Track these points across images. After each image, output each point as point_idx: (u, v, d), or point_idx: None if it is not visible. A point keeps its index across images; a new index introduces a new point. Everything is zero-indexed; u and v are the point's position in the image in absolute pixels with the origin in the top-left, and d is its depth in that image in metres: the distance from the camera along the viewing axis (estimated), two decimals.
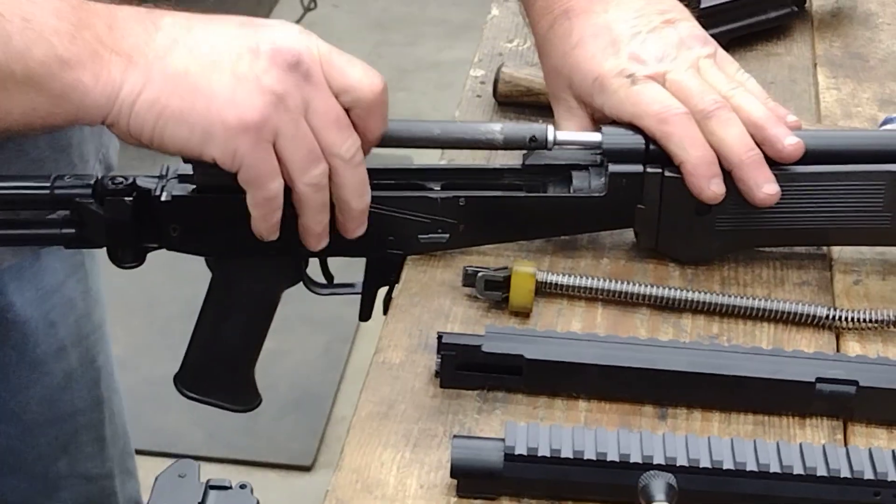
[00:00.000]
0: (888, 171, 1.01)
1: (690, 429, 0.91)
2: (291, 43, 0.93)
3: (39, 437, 1.25)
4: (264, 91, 0.91)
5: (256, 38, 0.93)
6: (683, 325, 0.99)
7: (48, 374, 1.23)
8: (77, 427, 1.28)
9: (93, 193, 0.98)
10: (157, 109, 0.91)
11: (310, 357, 2.68)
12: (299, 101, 0.92)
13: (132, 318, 2.71)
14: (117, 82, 0.90)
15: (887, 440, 0.90)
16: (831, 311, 0.98)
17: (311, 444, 2.49)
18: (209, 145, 0.91)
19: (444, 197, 1.01)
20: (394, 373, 0.94)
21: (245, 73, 0.91)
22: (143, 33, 0.92)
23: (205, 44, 0.92)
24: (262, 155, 0.92)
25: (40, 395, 1.23)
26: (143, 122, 0.91)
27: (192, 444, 2.44)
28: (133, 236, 0.99)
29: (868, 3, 1.42)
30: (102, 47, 0.90)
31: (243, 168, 0.92)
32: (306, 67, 0.92)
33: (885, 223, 1.02)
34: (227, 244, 1.01)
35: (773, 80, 1.30)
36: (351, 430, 0.89)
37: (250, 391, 1.11)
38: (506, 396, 0.92)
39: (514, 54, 1.32)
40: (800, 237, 1.04)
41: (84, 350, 1.27)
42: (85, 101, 0.90)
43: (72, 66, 0.89)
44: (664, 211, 1.02)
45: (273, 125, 0.91)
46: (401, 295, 1.01)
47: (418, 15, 3.80)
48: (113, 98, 0.90)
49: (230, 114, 0.90)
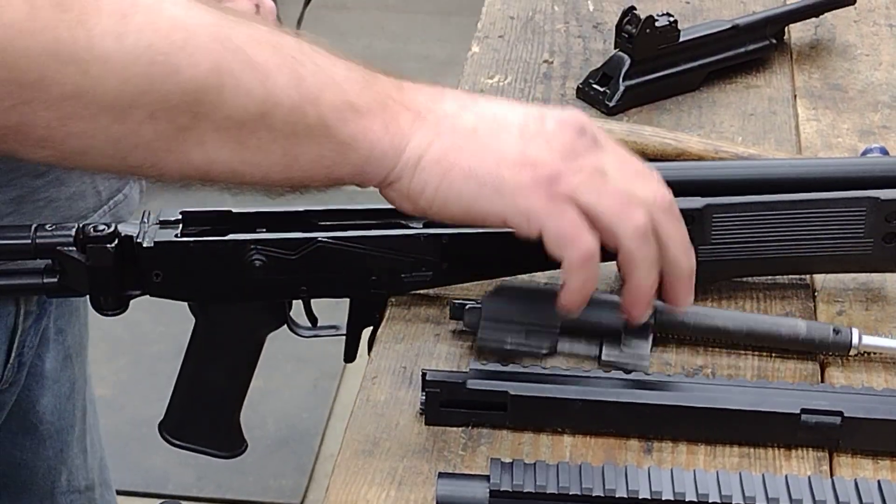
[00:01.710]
0: (868, 196, 1.01)
1: (676, 462, 0.90)
2: (577, 115, 0.90)
3: (48, 450, 1.25)
4: (554, 149, 0.88)
5: (540, 110, 0.91)
6: (667, 357, 0.99)
7: (57, 383, 1.23)
8: (72, 439, 1.27)
9: (74, 241, 0.97)
10: (445, 166, 0.88)
11: (297, 394, 2.68)
12: (593, 159, 0.88)
13: (118, 358, 2.70)
14: (406, 134, 0.88)
15: (873, 470, 0.90)
16: None
17: (300, 482, 2.49)
18: (499, 205, 0.87)
19: (426, 235, 1.01)
20: (378, 410, 0.94)
21: (534, 133, 0.88)
22: (431, 97, 0.90)
23: (491, 110, 0.90)
24: (561, 208, 0.87)
25: (52, 406, 1.23)
26: (428, 178, 0.88)
27: (181, 483, 2.43)
28: (116, 283, 0.99)
29: (846, 34, 1.43)
30: (392, 101, 0.88)
31: (544, 228, 0.87)
32: (593, 134, 0.89)
33: (867, 250, 1.02)
34: (211, 289, 1.00)
35: (753, 111, 1.30)
36: (336, 469, 0.89)
37: (235, 437, 1.11)
38: (491, 433, 0.92)
39: (494, 90, 1.32)
40: (783, 266, 1.04)
41: (82, 359, 1.27)
42: (373, 151, 0.88)
43: (363, 114, 0.87)
44: None
45: (568, 181, 0.87)
46: (385, 332, 1.01)
47: (401, 51, 3.81)
48: (400, 151, 0.88)
49: (522, 170, 0.87)
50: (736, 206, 1.01)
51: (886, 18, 1.46)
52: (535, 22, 1.44)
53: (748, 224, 1.01)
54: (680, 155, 1.22)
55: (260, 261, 0.99)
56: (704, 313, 0.96)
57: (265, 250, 0.99)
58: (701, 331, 0.96)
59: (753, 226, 1.02)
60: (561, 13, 1.46)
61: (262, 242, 0.99)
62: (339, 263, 1.00)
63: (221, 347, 1.04)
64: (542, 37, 1.42)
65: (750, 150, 1.21)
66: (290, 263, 1.00)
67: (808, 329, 0.96)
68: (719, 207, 1.01)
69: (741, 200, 1.01)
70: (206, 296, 1.02)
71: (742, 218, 1.01)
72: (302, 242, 1.00)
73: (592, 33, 1.42)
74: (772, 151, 1.22)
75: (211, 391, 1.06)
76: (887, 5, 1.48)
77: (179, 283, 1.00)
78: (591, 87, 1.31)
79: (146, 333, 2.74)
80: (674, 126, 1.28)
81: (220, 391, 1.07)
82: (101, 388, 1.35)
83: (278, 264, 0.99)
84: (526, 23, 1.44)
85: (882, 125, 1.28)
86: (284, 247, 0.99)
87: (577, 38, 1.41)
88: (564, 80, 1.34)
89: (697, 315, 0.96)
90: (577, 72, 1.35)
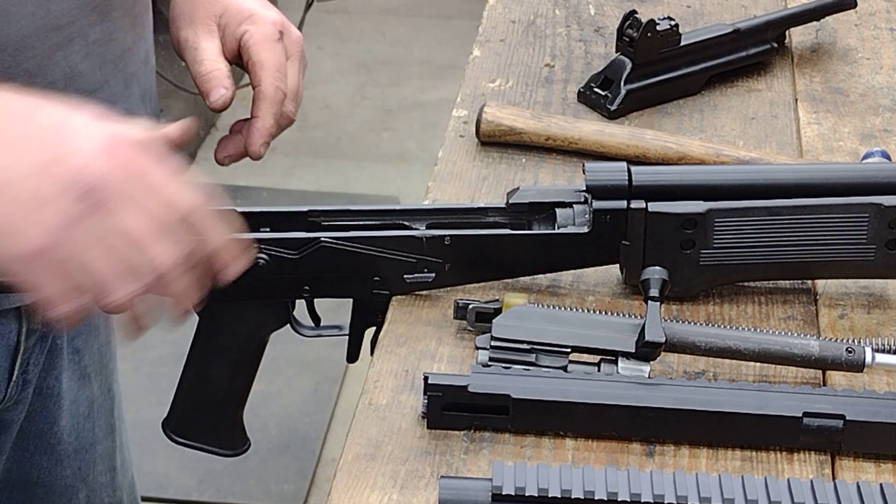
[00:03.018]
0: (871, 202, 1.01)
1: (678, 466, 0.90)
2: (91, 167, 0.85)
3: (66, 468, 1.25)
4: (52, 215, 0.84)
5: (55, 153, 0.85)
6: (669, 361, 0.99)
7: (74, 403, 1.23)
8: (95, 457, 1.27)
9: None
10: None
11: (299, 398, 2.68)
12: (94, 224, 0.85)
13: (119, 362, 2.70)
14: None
15: (875, 474, 0.90)
16: None
17: (302, 486, 2.48)
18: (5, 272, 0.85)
19: (429, 236, 1.01)
20: (380, 414, 0.94)
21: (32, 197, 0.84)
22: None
23: None
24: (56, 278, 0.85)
25: (70, 425, 1.23)
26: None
27: (182, 488, 2.43)
28: None
29: (847, 38, 1.43)
30: None
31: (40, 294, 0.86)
32: (100, 195, 0.85)
33: (869, 256, 1.02)
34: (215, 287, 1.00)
35: (755, 115, 1.30)
36: (338, 473, 0.89)
37: (238, 435, 1.11)
38: (493, 436, 0.92)
39: (496, 94, 1.32)
40: (785, 271, 1.04)
41: (104, 378, 1.26)
42: None
43: None
44: (649, 246, 1.02)
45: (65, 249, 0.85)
46: (387, 335, 1.01)
47: (402, 56, 3.81)
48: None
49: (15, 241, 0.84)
50: (738, 211, 1.01)
51: (887, 22, 1.46)
52: (537, 26, 1.44)
53: (750, 228, 1.02)
54: (681, 159, 1.22)
55: (263, 260, 0.99)
56: (715, 334, 0.96)
57: (268, 249, 0.99)
58: (713, 353, 0.96)
59: (756, 230, 1.02)
60: (562, 17, 1.46)
61: (265, 241, 0.99)
62: (342, 263, 1.01)
63: (224, 346, 1.04)
64: (544, 40, 1.42)
65: (751, 153, 1.22)
66: (292, 263, 1.00)
67: (820, 349, 0.96)
68: (722, 212, 1.01)
69: (744, 205, 1.01)
70: (210, 294, 1.02)
71: (744, 222, 1.01)
72: (305, 242, 1.00)
73: (594, 37, 1.42)
74: (773, 155, 1.22)
75: (214, 390, 1.06)
76: (888, 9, 1.48)
77: None
78: (592, 90, 1.31)
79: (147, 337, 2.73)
80: (675, 130, 1.28)
81: (223, 390, 1.07)
82: None
83: (281, 264, 0.99)
84: (527, 27, 1.44)
85: (883, 129, 1.28)
86: (287, 246, 1.00)
87: (579, 41, 1.41)
88: (566, 84, 1.34)
89: (708, 336, 0.95)
90: (578, 75, 1.35)
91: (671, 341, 0.95)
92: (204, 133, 3.29)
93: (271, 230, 1.01)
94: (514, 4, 1.48)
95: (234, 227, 0.93)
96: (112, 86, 1.07)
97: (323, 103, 3.51)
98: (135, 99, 1.11)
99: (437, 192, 1.18)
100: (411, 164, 3.24)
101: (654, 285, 0.96)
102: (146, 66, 1.14)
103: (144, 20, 1.12)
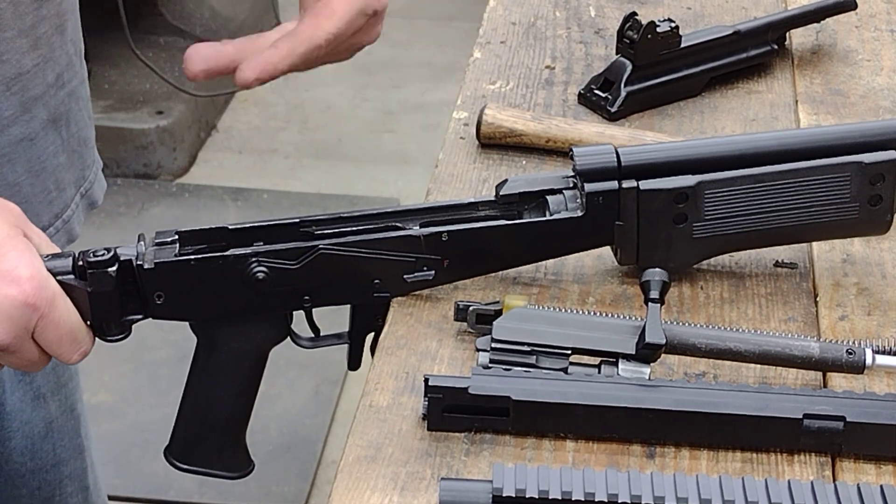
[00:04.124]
0: (852, 161, 1.03)
1: (679, 467, 0.91)
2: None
3: (21, 489, 1.24)
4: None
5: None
6: (670, 363, 0.99)
7: (28, 423, 1.22)
8: (61, 477, 1.27)
9: (73, 269, 0.97)
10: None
11: (299, 400, 2.67)
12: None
13: (120, 364, 2.70)
14: None
15: (875, 476, 0.90)
16: None
17: (303, 488, 2.48)
18: None
19: (427, 234, 1.01)
20: (381, 416, 0.94)
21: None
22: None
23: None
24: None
25: (23, 446, 1.23)
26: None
27: (182, 489, 2.43)
28: (118, 308, 0.99)
29: (848, 39, 1.43)
30: None
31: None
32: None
33: (853, 214, 1.04)
34: (214, 307, 1.00)
35: (755, 117, 1.30)
36: (339, 475, 0.89)
37: (242, 457, 1.10)
38: (493, 438, 0.92)
39: (496, 96, 1.32)
40: (776, 237, 1.06)
41: (63, 398, 1.26)
42: None
43: None
44: (642, 225, 1.03)
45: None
46: (387, 337, 1.01)
47: (403, 58, 3.81)
48: None
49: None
50: (727, 181, 1.03)
51: (888, 24, 1.46)
52: (537, 28, 1.44)
53: (739, 197, 1.03)
54: None
55: (262, 273, 0.99)
56: (716, 336, 0.96)
57: (267, 262, 0.99)
58: (713, 355, 0.96)
59: (745, 199, 1.03)
60: (562, 19, 1.46)
61: (263, 254, 0.99)
62: (342, 269, 1.00)
63: (224, 366, 1.03)
64: (544, 42, 1.42)
65: None
66: (292, 273, 0.99)
67: (821, 350, 0.96)
68: (711, 183, 1.03)
69: (732, 175, 1.03)
70: (209, 314, 1.01)
71: (733, 192, 1.03)
72: (304, 251, 1.00)
73: (594, 39, 1.42)
74: None
75: (216, 412, 1.05)
76: (888, 11, 1.49)
77: (182, 302, 0.99)
78: (592, 92, 1.31)
79: (147, 340, 2.74)
80: (675, 131, 1.28)
81: (225, 412, 1.06)
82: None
83: (281, 275, 0.99)
84: (528, 28, 1.44)
85: None
86: (286, 257, 0.99)
87: (579, 43, 1.42)
88: (566, 86, 1.34)
89: (709, 338, 0.96)
90: (578, 77, 1.35)
91: (671, 343, 0.95)
92: (204, 135, 3.29)
93: (265, 244, 1.00)
94: (515, 6, 1.48)
95: None
96: (4, 109, 1.06)
97: (324, 105, 3.51)
98: (38, 122, 1.10)
99: (437, 194, 1.18)
100: (412, 165, 3.24)
101: (655, 287, 0.96)
102: (60, 90, 1.12)
103: (55, 42, 1.10)
